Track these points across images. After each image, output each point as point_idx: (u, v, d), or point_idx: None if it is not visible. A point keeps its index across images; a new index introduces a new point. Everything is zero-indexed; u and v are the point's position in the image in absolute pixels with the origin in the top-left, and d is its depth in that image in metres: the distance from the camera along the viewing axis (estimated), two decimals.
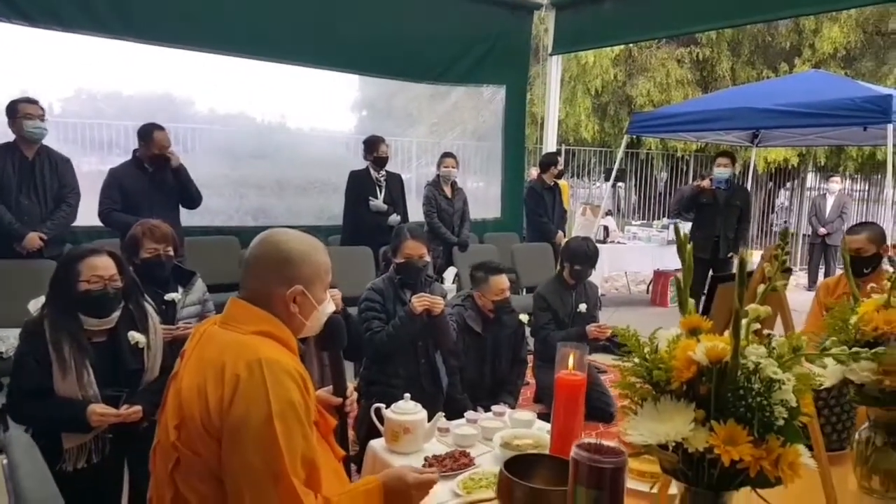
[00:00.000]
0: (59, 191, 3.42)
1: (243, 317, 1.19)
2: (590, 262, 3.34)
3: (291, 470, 1.06)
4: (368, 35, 5.17)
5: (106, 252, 1.96)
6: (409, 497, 1.17)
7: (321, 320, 1.28)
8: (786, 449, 0.75)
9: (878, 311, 1.13)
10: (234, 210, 5.47)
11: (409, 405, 1.60)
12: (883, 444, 1.17)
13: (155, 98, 4.88)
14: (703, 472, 0.80)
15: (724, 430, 0.76)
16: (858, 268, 2.45)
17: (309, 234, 1.30)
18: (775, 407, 0.75)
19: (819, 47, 8.88)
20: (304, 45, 4.98)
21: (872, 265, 2.43)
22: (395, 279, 2.45)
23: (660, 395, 0.82)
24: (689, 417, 0.79)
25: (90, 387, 1.84)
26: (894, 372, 1.09)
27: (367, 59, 5.29)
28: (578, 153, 9.93)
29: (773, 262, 0.82)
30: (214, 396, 1.09)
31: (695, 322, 0.81)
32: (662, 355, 0.83)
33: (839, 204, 7.81)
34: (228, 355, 1.11)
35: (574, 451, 0.81)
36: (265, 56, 4.88)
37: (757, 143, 6.96)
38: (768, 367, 0.75)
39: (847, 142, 7.01)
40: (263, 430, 1.06)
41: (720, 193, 4.96)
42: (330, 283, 1.29)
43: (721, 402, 0.78)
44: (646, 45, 9.40)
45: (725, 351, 0.76)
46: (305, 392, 1.13)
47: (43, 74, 4.27)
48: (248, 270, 1.22)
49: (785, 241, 0.82)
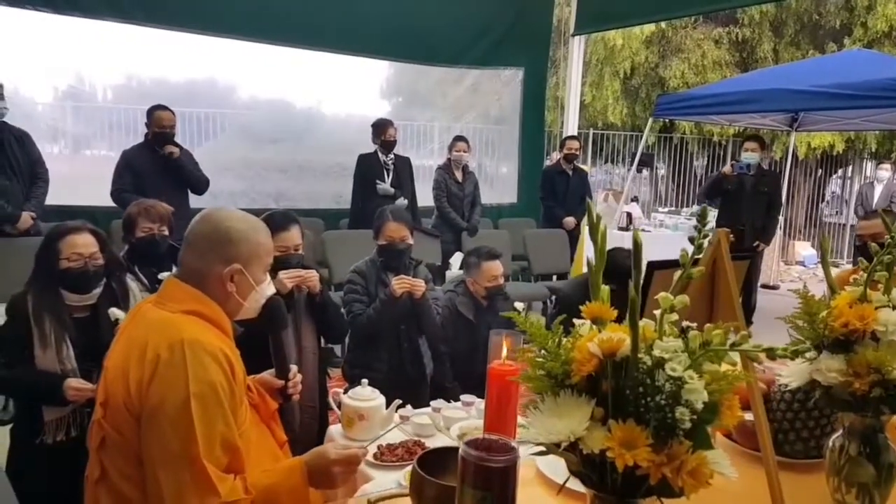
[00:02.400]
0: (31, 167, 3.46)
1: (175, 295, 1.17)
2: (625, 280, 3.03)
3: (206, 454, 1.03)
4: (386, 18, 5.14)
5: (87, 229, 1.98)
6: (331, 474, 1.13)
7: (260, 302, 1.25)
8: (689, 455, 0.66)
9: (851, 306, 1.00)
10: (256, 192, 5.57)
11: (365, 391, 1.56)
12: (857, 453, 1.05)
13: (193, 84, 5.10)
14: (607, 476, 0.72)
15: (622, 431, 0.67)
16: None
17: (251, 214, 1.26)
18: (677, 408, 0.66)
19: (872, 25, 8.26)
20: (324, 30, 5.02)
21: None
22: (377, 262, 2.41)
23: (559, 389, 0.74)
24: (586, 415, 0.70)
25: (69, 361, 1.88)
26: (865, 374, 0.97)
27: (385, 42, 5.26)
28: (608, 138, 9.61)
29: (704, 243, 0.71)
30: (135, 376, 1.08)
31: (596, 311, 0.72)
32: (565, 346, 0.75)
33: (888, 193, 7.29)
34: (152, 335, 1.10)
35: (462, 448, 0.74)
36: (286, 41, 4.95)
37: (797, 127, 6.56)
38: (667, 364, 0.65)
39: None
40: (180, 412, 1.04)
41: (747, 179, 4.69)
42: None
43: (620, 399, 0.69)
44: (681, 24, 8.96)
45: (621, 343, 0.67)
46: (231, 374, 1.11)
47: (95, 63, 4.55)
48: (187, 248, 1.21)
49: (704, 218, 0.72)
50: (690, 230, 6.62)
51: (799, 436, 1.23)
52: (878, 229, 2.26)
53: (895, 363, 0.95)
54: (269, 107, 5.45)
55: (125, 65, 4.77)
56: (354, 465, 1.16)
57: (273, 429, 1.30)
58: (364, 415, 1.50)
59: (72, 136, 4.79)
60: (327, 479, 1.14)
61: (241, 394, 1.14)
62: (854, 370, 0.97)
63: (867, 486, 1.05)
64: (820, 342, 1.01)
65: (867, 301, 1.01)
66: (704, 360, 0.68)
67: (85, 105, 4.74)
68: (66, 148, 4.84)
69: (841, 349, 1.00)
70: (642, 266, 0.68)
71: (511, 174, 6.11)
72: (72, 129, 4.76)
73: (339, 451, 1.15)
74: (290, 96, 5.54)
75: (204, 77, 5.23)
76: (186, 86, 5.10)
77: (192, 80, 5.14)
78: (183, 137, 4.78)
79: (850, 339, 0.99)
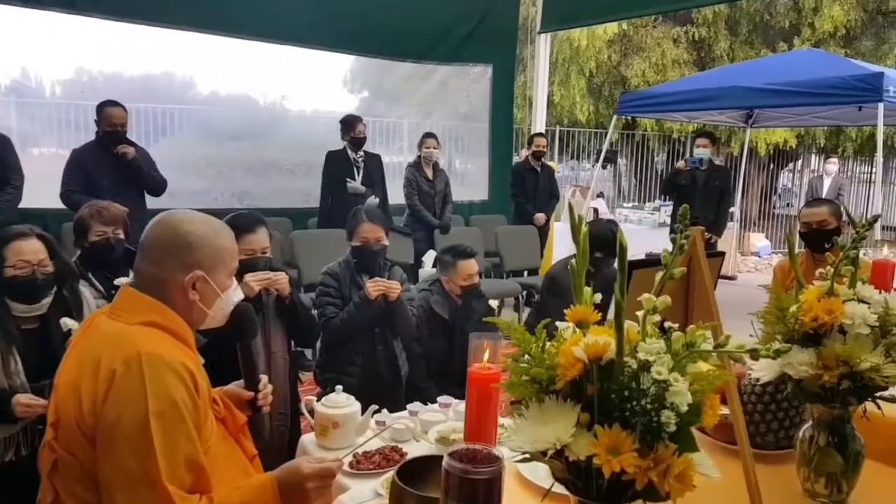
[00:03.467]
0: (3, 173, 3.30)
1: (131, 306, 1.10)
2: (613, 249, 2.98)
3: (168, 475, 0.98)
4: (353, 12, 5.04)
5: (35, 235, 1.87)
6: (305, 490, 1.08)
7: (226, 309, 1.19)
8: (675, 459, 0.66)
9: (819, 300, 1.03)
10: (218, 192, 5.40)
11: (339, 397, 1.52)
12: (826, 443, 1.08)
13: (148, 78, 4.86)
14: (593, 482, 0.71)
15: (608, 437, 0.67)
16: (819, 243, 2.39)
17: (214, 217, 1.20)
18: (663, 411, 0.65)
19: (819, 26, 8.63)
20: (288, 23, 4.88)
21: (832, 241, 2.34)
22: (351, 263, 2.36)
23: (544, 395, 0.72)
24: (572, 421, 0.69)
25: (17, 375, 1.77)
26: (834, 367, 1.00)
27: (351, 37, 5.18)
28: (574, 135, 9.75)
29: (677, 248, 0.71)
30: (88, 394, 1.01)
31: (581, 314, 0.71)
32: (549, 351, 0.74)
33: (836, 186, 7.65)
34: (106, 349, 1.03)
35: (446, 461, 0.72)
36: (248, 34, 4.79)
37: (751, 123, 6.79)
38: (652, 367, 0.65)
39: (843, 122, 6.84)
40: (139, 431, 0.98)
41: (699, 174, 4.84)
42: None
43: (606, 404, 0.68)
44: (641, 24, 9.15)
45: (607, 347, 0.66)
46: (194, 388, 1.05)
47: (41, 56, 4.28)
48: (143, 255, 1.13)
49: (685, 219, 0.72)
50: (653, 224, 6.78)
51: (769, 427, 1.26)
52: (824, 217, 2.35)
53: (863, 355, 0.99)
54: (230, 102, 5.28)
55: (74, 58, 4.54)
56: (329, 480, 1.11)
57: (242, 442, 1.25)
58: (339, 422, 1.46)
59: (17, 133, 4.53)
60: (301, 496, 1.07)
61: (206, 408, 1.08)
62: (824, 363, 1.00)
63: (835, 475, 1.08)
64: (790, 336, 1.04)
65: (835, 295, 1.04)
66: (688, 362, 0.68)
67: (32, 101, 4.49)
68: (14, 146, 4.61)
69: (811, 343, 1.03)
70: (626, 269, 0.67)
71: (481, 171, 6.11)
72: (17, 126, 4.50)
73: (313, 465, 1.10)
74: (253, 91, 5.38)
75: (160, 71, 5.01)
76: (141, 80, 4.87)
77: (147, 74, 4.91)
78: (138, 135, 4.56)
79: (819, 333, 1.02)
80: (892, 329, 1.01)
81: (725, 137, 9.49)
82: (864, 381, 0.99)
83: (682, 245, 0.70)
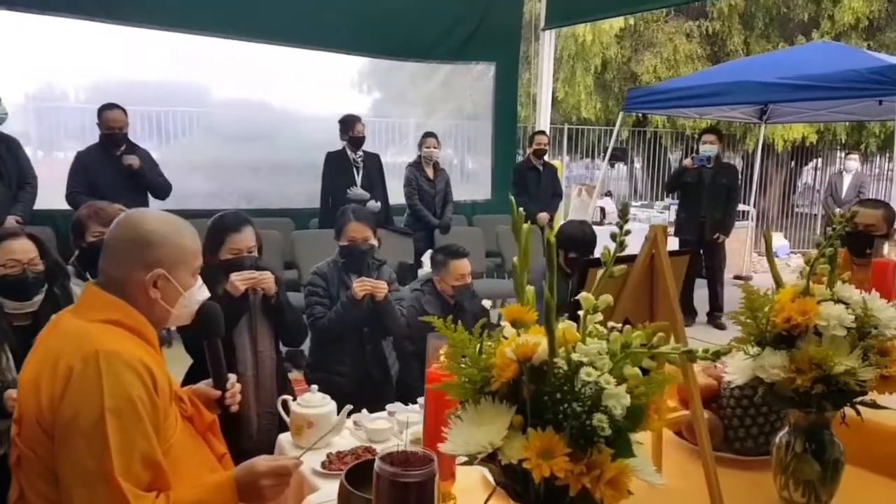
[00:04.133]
0: (19, 172, 3.40)
1: (93, 304, 1.10)
2: (586, 248, 2.97)
3: (123, 471, 0.97)
4: (355, 12, 5.04)
5: (26, 235, 1.91)
6: (259, 487, 1.07)
7: (191, 308, 1.18)
8: (608, 464, 0.63)
9: (793, 300, 0.98)
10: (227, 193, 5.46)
11: (315, 397, 1.50)
12: (802, 450, 1.03)
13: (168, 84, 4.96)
14: (531, 487, 0.68)
15: (540, 440, 0.63)
16: (862, 246, 2.23)
17: (176, 216, 1.20)
18: (594, 414, 0.62)
19: (839, 18, 8.40)
20: (292, 25, 4.90)
21: (875, 247, 2.22)
22: (339, 262, 2.35)
23: (480, 396, 0.70)
24: (506, 423, 0.66)
25: (9, 371, 1.80)
26: (807, 370, 0.95)
27: (354, 37, 5.18)
28: (584, 133, 9.64)
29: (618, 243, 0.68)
30: (47, 391, 1.02)
31: (516, 313, 0.68)
32: (487, 351, 0.71)
33: (856, 183, 7.44)
34: (65, 346, 1.04)
35: (377, 463, 0.69)
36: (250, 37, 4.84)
37: (766, 119, 6.64)
38: (583, 369, 0.62)
39: (863, 117, 6.64)
40: (94, 427, 0.98)
41: (706, 172, 4.73)
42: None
43: (539, 407, 0.65)
44: (652, 18, 9.01)
45: (536, 347, 0.63)
46: (152, 386, 1.04)
47: (65, 62, 4.41)
48: (105, 254, 1.14)
49: (625, 215, 0.68)
50: (662, 223, 6.67)
51: (749, 432, 1.21)
52: (876, 220, 2.22)
53: (837, 358, 0.93)
54: (239, 105, 5.34)
55: (96, 65, 4.64)
56: (285, 478, 1.10)
57: (210, 441, 1.24)
58: (313, 422, 1.45)
59: (41, 137, 4.64)
60: (256, 493, 1.07)
61: (166, 406, 1.08)
62: (796, 366, 0.95)
63: (813, 484, 1.03)
64: (762, 338, 0.99)
65: (810, 295, 0.99)
66: (625, 364, 0.65)
67: (56, 105, 4.58)
68: (39, 150, 4.69)
69: (784, 345, 0.98)
70: (555, 267, 0.64)
71: (485, 170, 6.07)
72: (41, 131, 4.61)
73: (269, 463, 1.09)
74: (261, 94, 5.43)
75: (178, 76, 5.10)
76: (160, 85, 4.96)
77: (166, 79, 4.99)
78: (157, 137, 4.75)
79: (792, 335, 0.97)
80: (870, 331, 0.96)
81: (741, 134, 9.31)
82: (840, 386, 0.94)
83: (622, 242, 0.66)
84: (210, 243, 1.99)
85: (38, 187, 3.49)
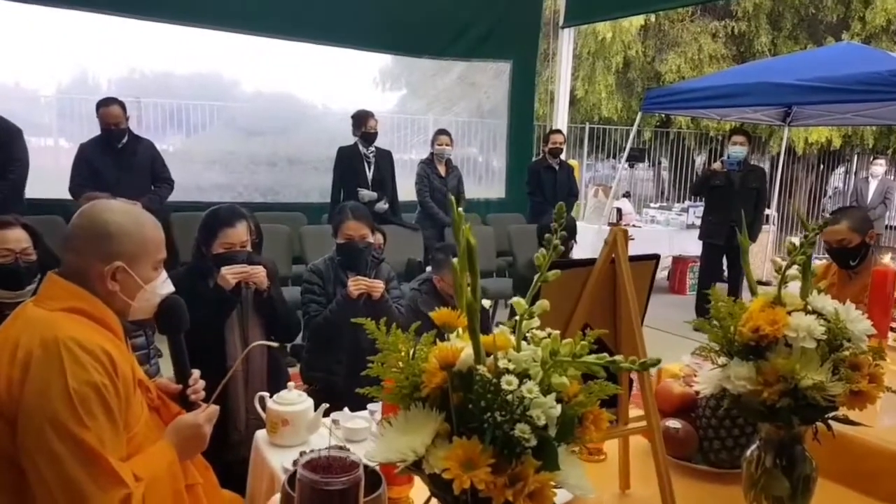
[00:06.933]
0: (6, 162, 3.36)
1: (54, 293, 1.12)
2: (568, 233, 3.11)
3: (104, 448, 1.00)
4: (374, 9, 5.06)
5: (19, 224, 1.94)
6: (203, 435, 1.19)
7: (151, 301, 1.19)
8: (532, 476, 0.61)
9: (763, 310, 0.94)
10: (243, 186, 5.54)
11: (291, 395, 1.50)
12: (772, 465, 0.99)
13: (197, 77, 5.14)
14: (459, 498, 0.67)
15: (463, 449, 0.62)
16: (844, 260, 2.19)
17: (139, 207, 1.21)
18: (517, 425, 0.60)
19: (870, 20, 8.12)
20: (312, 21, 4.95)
21: (859, 256, 2.15)
22: (335, 260, 2.35)
23: (410, 403, 0.68)
24: (432, 431, 0.65)
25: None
26: (774, 383, 0.91)
27: (373, 34, 5.20)
28: (607, 132, 9.50)
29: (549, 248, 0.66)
30: (4, 378, 1.02)
31: (445, 317, 0.67)
32: (419, 355, 0.70)
33: (882, 189, 7.19)
34: (25, 333, 1.05)
35: (298, 470, 0.69)
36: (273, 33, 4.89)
37: (789, 121, 6.45)
38: (503, 377, 0.60)
39: (891, 121, 6.41)
40: (60, 414, 0.99)
41: (734, 175, 4.61)
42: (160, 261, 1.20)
43: (465, 415, 0.64)
44: (677, 17, 8.84)
45: (458, 353, 0.62)
46: (114, 373, 1.05)
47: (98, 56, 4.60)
48: (66, 244, 1.15)
49: (560, 217, 0.66)
50: (681, 225, 6.53)
51: (724, 444, 1.18)
52: (843, 235, 2.15)
53: (805, 371, 0.90)
54: (260, 99, 5.43)
55: (126, 58, 4.80)
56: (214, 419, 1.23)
57: None
58: (288, 420, 1.45)
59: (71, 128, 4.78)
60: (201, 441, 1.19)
61: (129, 394, 1.09)
62: (763, 378, 0.92)
63: (783, 500, 0.99)
64: (730, 347, 0.96)
65: (781, 304, 0.95)
66: (554, 372, 0.63)
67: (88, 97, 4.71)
68: (69, 140, 4.79)
69: (753, 356, 0.95)
70: (478, 269, 0.62)
71: (500, 169, 6.04)
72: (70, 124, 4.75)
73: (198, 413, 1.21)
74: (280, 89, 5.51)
75: (207, 70, 5.23)
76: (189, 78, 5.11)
77: (195, 72, 5.15)
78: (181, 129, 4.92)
79: (760, 346, 0.94)
80: (842, 343, 0.91)
81: (766, 136, 9.08)
82: (808, 400, 0.90)
83: (556, 245, 0.64)
84: (203, 237, 2.01)
85: (25, 177, 3.44)
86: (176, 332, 1.25)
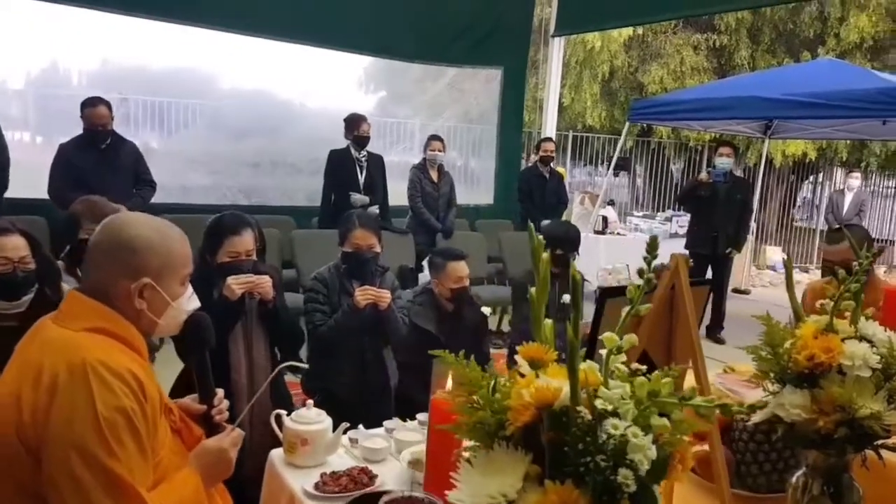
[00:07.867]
0: None
1: (77, 311, 1.05)
2: (572, 245, 3.13)
3: (133, 477, 0.95)
4: (366, 13, 5.01)
5: (18, 231, 1.83)
6: (229, 459, 1.16)
7: (179, 318, 1.13)
8: None
9: (816, 337, 0.94)
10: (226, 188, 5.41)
11: (310, 413, 1.45)
12: (820, 493, 0.99)
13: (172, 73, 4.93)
14: None
15: (558, 494, 0.59)
16: None
17: (164, 220, 1.15)
18: (620, 470, 0.57)
19: (845, 36, 8.41)
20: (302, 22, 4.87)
21: None
22: (341, 269, 2.29)
23: (493, 441, 0.65)
24: (521, 473, 0.62)
25: None
26: (831, 412, 0.90)
27: (364, 37, 5.15)
28: (590, 140, 9.61)
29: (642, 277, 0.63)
30: (29, 404, 0.96)
31: (534, 352, 0.64)
32: (501, 391, 0.66)
33: (857, 201, 7.43)
34: (48, 356, 0.98)
35: None
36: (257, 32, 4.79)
37: (770, 134, 6.62)
38: (607, 420, 0.57)
39: (866, 136, 6.63)
40: (89, 442, 0.93)
41: (720, 187, 4.70)
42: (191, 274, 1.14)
43: (559, 457, 0.61)
44: (661, 30, 8.99)
45: (558, 393, 0.59)
46: (142, 396, 0.99)
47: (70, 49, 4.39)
48: (89, 259, 1.08)
49: (653, 250, 0.64)
50: (665, 234, 6.62)
51: (762, 469, 1.17)
52: (847, 255, 2.18)
53: (862, 401, 0.89)
54: (242, 98, 5.30)
55: (99, 52, 4.61)
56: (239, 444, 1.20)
57: None
58: (307, 439, 1.40)
59: (41, 122, 4.57)
60: (226, 466, 1.16)
61: (156, 418, 1.03)
62: (819, 407, 0.91)
63: None
64: (783, 375, 0.95)
65: (833, 332, 0.95)
66: (652, 413, 0.60)
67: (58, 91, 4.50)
68: (38, 136, 4.60)
69: (806, 383, 0.94)
70: (581, 305, 0.59)
71: (489, 175, 6.04)
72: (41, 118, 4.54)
73: (222, 438, 1.17)
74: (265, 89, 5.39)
75: (183, 66, 5.06)
76: (164, 74, 4.93)
77: (171, 68, 4.96)
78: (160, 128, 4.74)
79: (815, 373, 0.93)
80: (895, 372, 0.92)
81: (744, 147, 9.30)
82: (864, 430, 0.90)
83: (650, 280, 0.62)
84: (208, 245, 1.94)
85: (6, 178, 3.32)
86: (201, 350, 1.19)
